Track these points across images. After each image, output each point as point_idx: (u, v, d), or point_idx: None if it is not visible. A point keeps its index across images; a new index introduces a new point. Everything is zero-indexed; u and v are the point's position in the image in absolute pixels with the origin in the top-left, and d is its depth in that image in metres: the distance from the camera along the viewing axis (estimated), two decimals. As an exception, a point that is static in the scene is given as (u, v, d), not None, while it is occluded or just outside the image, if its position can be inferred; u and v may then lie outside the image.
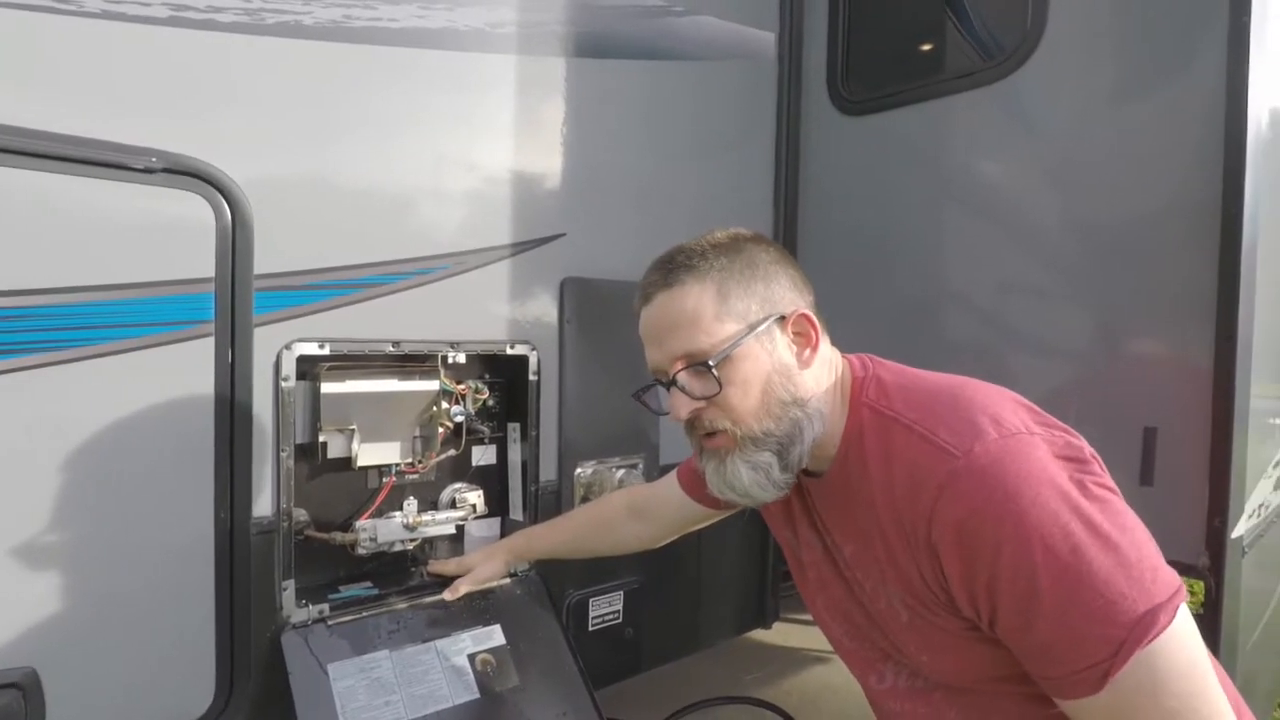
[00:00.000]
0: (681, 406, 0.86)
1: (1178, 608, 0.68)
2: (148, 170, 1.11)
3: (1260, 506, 1.62)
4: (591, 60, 1.68)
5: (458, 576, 1.40)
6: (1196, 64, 1.47)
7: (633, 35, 1.76)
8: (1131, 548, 0.70)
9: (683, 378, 0.86)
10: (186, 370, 1.15)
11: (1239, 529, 1.42)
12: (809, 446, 0.86)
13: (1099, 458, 0.78)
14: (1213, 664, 0.86)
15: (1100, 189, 1.60)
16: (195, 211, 1.16)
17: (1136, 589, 0.67)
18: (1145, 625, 0.66)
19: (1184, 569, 1.42)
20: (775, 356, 0.85)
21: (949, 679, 0.85)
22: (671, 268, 0.87)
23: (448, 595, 1.37)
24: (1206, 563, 1.39)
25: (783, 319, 0.87)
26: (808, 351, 0.87)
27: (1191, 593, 0.98)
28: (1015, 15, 1.72)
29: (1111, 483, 0.76)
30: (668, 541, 1.38)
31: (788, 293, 0.88)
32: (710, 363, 0.83)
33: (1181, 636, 0.68)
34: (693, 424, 0.88)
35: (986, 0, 1.87)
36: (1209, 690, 0.68)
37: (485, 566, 1.41)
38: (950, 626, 0.80)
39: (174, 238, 1.14)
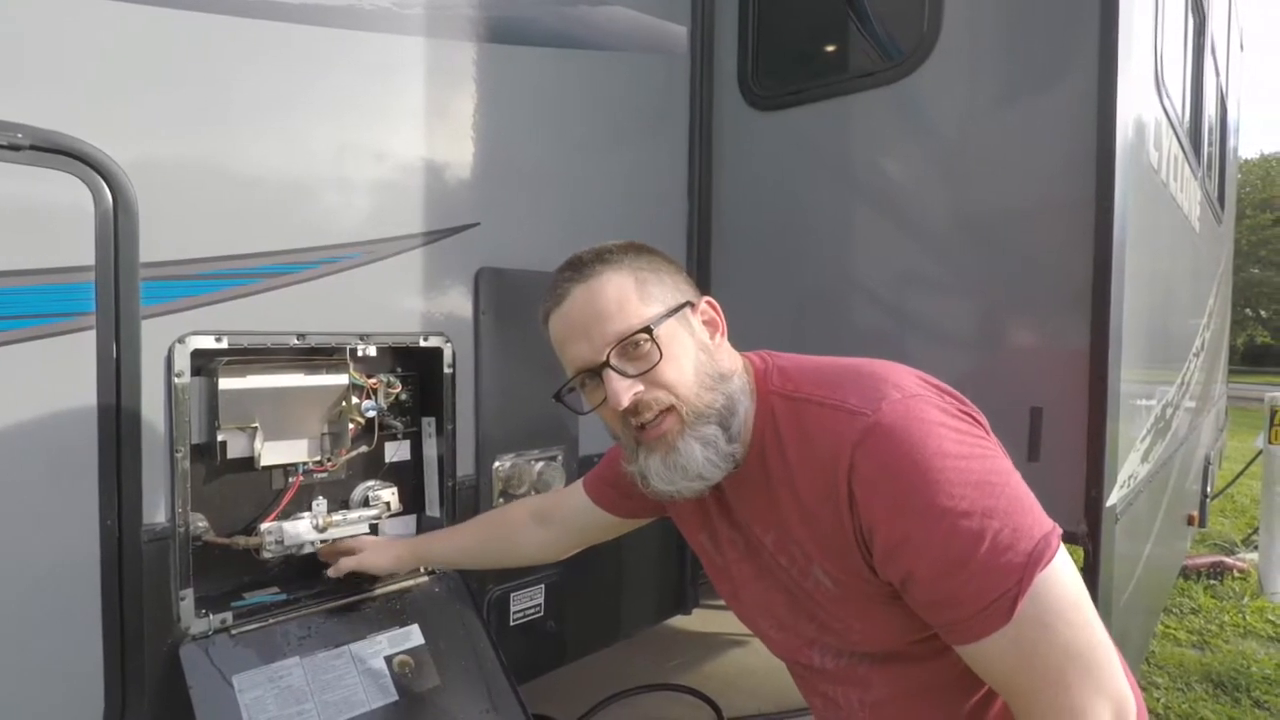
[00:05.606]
0: (622, 391, 0.84)
1: (1059, 537, 0.76)
2: (13, 147, 1.01)
3: (1130, 477, 1.78)
4: (505, 46, 1.65)
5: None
6: (1072, 73, 1.59)
7: (547, 23, 1.74)
8: (1020, 485, 0.78)
9: (617, 359, 0.85)
10: (65, 366, 1.06)
11: (1112, 498, 1.56)
12: (744, 418, 0.89)
13: (984, 420, 0.86)
14: None
15: (987, 187, 1.71)
16: (71, 194, 1.06)
17: (1030, 518, 0.75)
18: (1042, 548, 0.74)
19: (1066, 537, 1.54)
20: (696, 336, 0.90)
21: (878, 645, 0.90)
22: (583, 263, 0.89)
23: (331, 572, 1.33)
24: (1085, 530, 1.51)
25: (692, 306, 0.92)
26: (718, 336, 0.94)
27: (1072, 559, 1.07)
28: (912, 20, 1.81)
29: (996, 441, 0.83)
30: (568, 555, 1.34)
31: (689, 285, 0.94)
32: (651, 328, 0.84)
33: (1067, 567, 0.76)
34: (634, 411, 0.86)
35: (887, 4, 1.95)
36: (1093, 620, 0.76)
37: (375, 553, 1.36)
38: (875, 591, 0.85)
39: (46, 222, 1.04)
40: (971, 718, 0.86)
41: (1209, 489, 3.89)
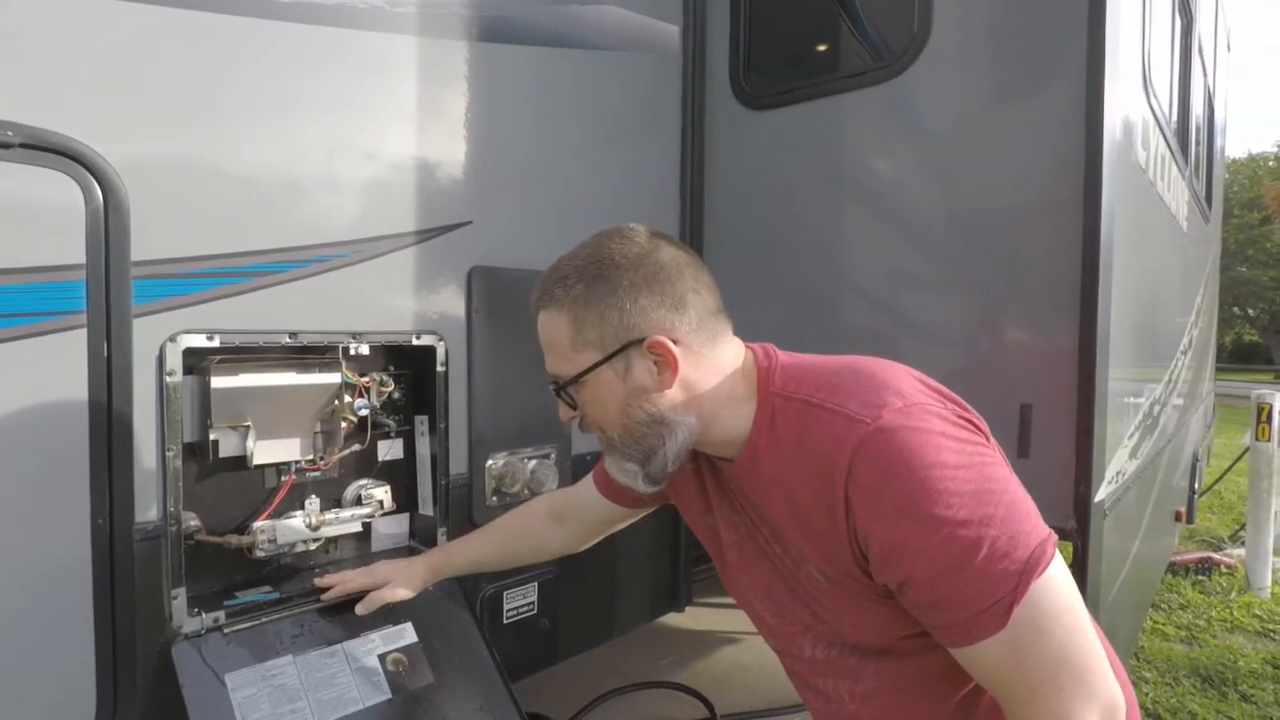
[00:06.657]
0: (561, 412, 0.97)
1: (1055, 544, 0.77)
2: (3, 145, 1.00)
3: (1118, 474, 1.79)
4: (497, 45, 1.65)
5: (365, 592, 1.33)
6: (1060, 74, 1.60)
7: (539, 22, 1.74)
8: (1018, 492, 0.79)
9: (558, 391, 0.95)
10: (56, 365, 1.06)
11: (1101, 494, 1.57)
12: (674, 455, 0.90)
13: (985, 426, 0.86)
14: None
15: (977, 187, 1.72)
16: (62, 192, 1.06)
17: (1027, 525, 0.76)
18: (1038, 555, 0.75)
19: (1055, 532, 1.56)
20: (630, 382, 0.89)
21: (869, 639, 0.91)
22: (542, 290, 0.93)
23: (360, 609, 1.30)
24: (1074, 525, 1.52)
25: (640, 342, 0.87)
26: (668, 373, 0.88)
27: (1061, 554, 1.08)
28: (903, 19, 1.82)
29: (995, 446, 0.84)
30: (590, 545, 1.35)
31: (652, 314, 0.87)
32: (563, 389, 0.93)
33: (1062, 573, 0.77)
34: (581, 426, 0.97)
35: (877, 4, 1.97)
36: (1086, 625, 0.77)
37: (401, 582, 1.32)
38: (868, 590, 0.85)
39: (37, 220, 1.04)
40: (960, 710, 0.87)
41: (1197, 485, 3.93)
